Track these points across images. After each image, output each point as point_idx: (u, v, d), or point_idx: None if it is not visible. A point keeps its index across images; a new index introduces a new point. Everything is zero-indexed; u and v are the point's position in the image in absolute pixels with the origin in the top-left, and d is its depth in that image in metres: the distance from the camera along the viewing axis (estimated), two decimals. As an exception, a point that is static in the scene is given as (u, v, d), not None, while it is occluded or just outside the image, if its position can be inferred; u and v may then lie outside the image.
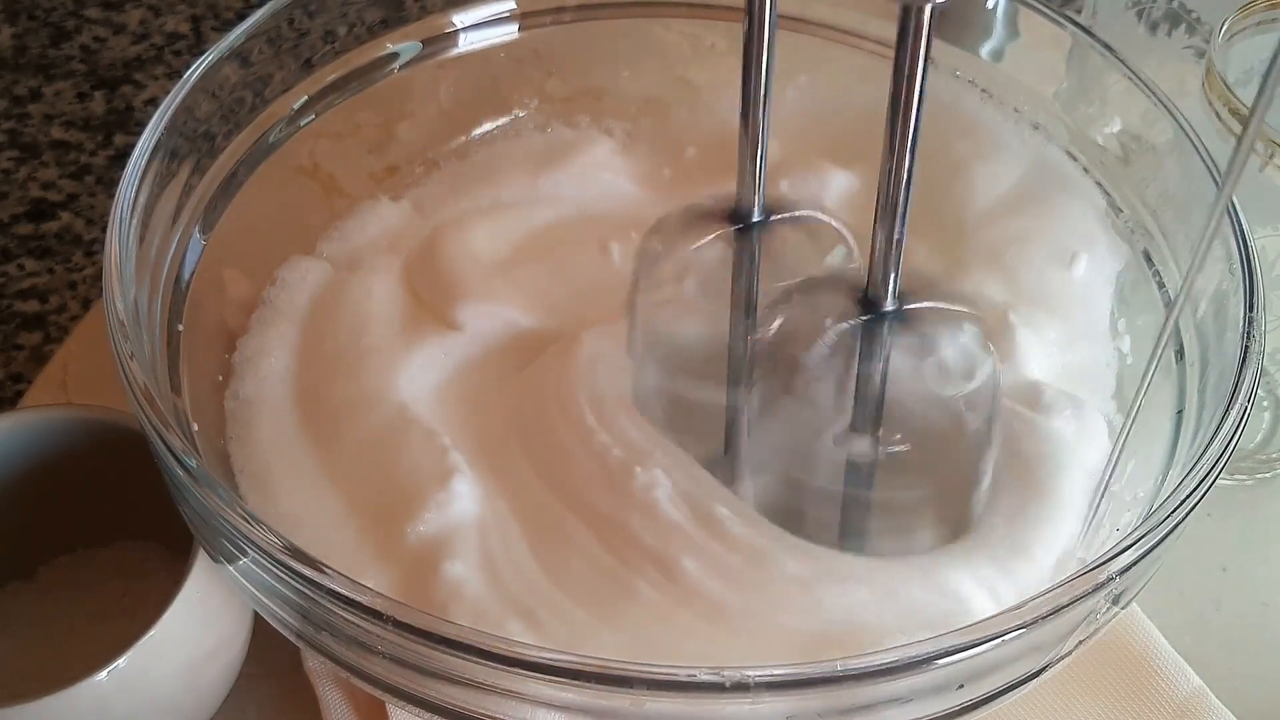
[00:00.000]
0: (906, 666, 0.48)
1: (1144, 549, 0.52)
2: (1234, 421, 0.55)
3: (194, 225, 0.68)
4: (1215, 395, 0.59)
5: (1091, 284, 0.71)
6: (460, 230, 0.73)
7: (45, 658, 0.64)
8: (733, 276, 0.64)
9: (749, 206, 0.63)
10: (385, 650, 0.52)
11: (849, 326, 0.58)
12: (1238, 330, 0.59)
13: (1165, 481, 0.59)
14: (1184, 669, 0.66)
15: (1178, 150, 0.67)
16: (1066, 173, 0.73)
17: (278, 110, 0.72)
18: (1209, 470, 0.54)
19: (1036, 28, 0.74)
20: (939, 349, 0.59)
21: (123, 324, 0.57)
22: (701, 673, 0.47)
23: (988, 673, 0.51)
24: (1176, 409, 0.62)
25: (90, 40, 1.03)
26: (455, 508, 0.62)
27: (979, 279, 0.71)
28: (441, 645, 0.49)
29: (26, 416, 0.65)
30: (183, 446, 0.54)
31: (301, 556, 0.51)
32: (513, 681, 0.49)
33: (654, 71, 0.81)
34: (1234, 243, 0.61)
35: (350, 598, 0.50)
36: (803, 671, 0.47)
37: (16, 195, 0.92)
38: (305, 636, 0.56)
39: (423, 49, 0.77)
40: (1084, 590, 0.50)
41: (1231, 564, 0.72)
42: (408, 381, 0.67)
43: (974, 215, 0.73)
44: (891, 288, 0.57)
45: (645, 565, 0.60)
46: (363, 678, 0.55)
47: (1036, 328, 0.69)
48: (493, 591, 0.60)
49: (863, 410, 0.59)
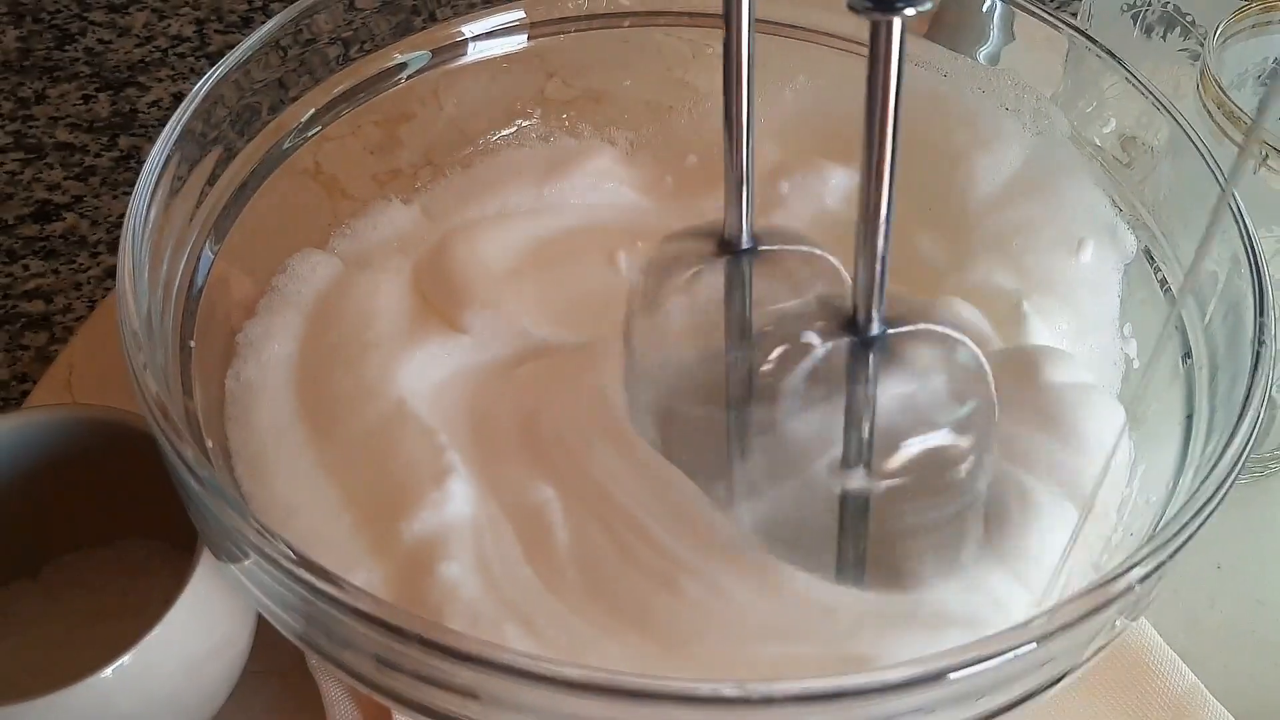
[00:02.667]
0: (929, 679, 0.46)
1: (1165, 556, 0.50)
2: (1249, 427, 0.54)
3: (206, 235, 0.66)
4: (1227, 400, 0.57)
5: (1100, 271, 0.69)
6: (469, 237, 0.71)
7: (50, 656, 0.63)
8: (725, 306, 0.63)
9: (737, 234, 0.61)
10: (393, 661, 0.50)
11: (835, 352, 0.56)
12: (1247, 334, 0.57)
13: (1178, 487, 0.58)
14: (1179, 666, 0.64)
15: (1177, 150, 0.66)
16: (1069, 158, 0.71)
17: (288, 120, 0.71)
18: (1226, 475, 0.52)
19: (1032, 31, 0.72)
20: (928, 374, 0.56)
21: (136, 335, 0.56)
22: (725, 688, 0.44)
23: (1008, 683, 0.49)
24: (1186, 413, 0.60)
25: (95, 43, 1.02)
26: (451, 508, 0.61)
27: (987, 267, 0.69)
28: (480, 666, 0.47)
29: (32, 416, 0.64)
30: (196, 457, 0.52)
31: (315, 569, 0.50)
32: (527, 695, 0.48)
33: (655, 76, 0.80)
34: (1241, 246, 0.59)
35: (371, 614, 0.48)
36: (829, 685, 0.45)
37: (22, 196, 0.91)
38: (308, 640, 0.55)
39: (431, 59, 0.76)
40: (1105, 600, 0.49)
41: (1226, 562, 0.71)
42: (408, 378, 0.66)
43: (977, 203, 0.72)
44: (877, 313, 0.54)
45: (642, 579, 0.58)
46: (367, 684, 0.54)
47: (1048, 317, 0.67)
48: (489, 595, 0.58)
49: (853, 438, 0.57)
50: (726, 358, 0.63)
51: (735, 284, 0.62)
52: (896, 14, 0.46)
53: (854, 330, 0.55)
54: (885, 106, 0.48)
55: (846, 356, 0.55)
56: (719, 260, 0.62)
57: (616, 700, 0.46)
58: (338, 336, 0.67)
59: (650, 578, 0.58)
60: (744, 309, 0.62)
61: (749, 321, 0.63)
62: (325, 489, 0.62)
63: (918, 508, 0.58)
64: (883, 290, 0.53)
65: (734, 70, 0.57)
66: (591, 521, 0.61)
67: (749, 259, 0.62)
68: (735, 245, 0.61)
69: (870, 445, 0.57)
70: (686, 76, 0.80)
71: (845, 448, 0.57)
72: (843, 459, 0.57)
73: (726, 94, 0.57)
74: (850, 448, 0.57)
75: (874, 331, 0.54)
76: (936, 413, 0.56)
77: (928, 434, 0.57)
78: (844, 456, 0.57)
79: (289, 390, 0.66)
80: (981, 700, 0.49)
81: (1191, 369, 0.61)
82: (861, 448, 0.57)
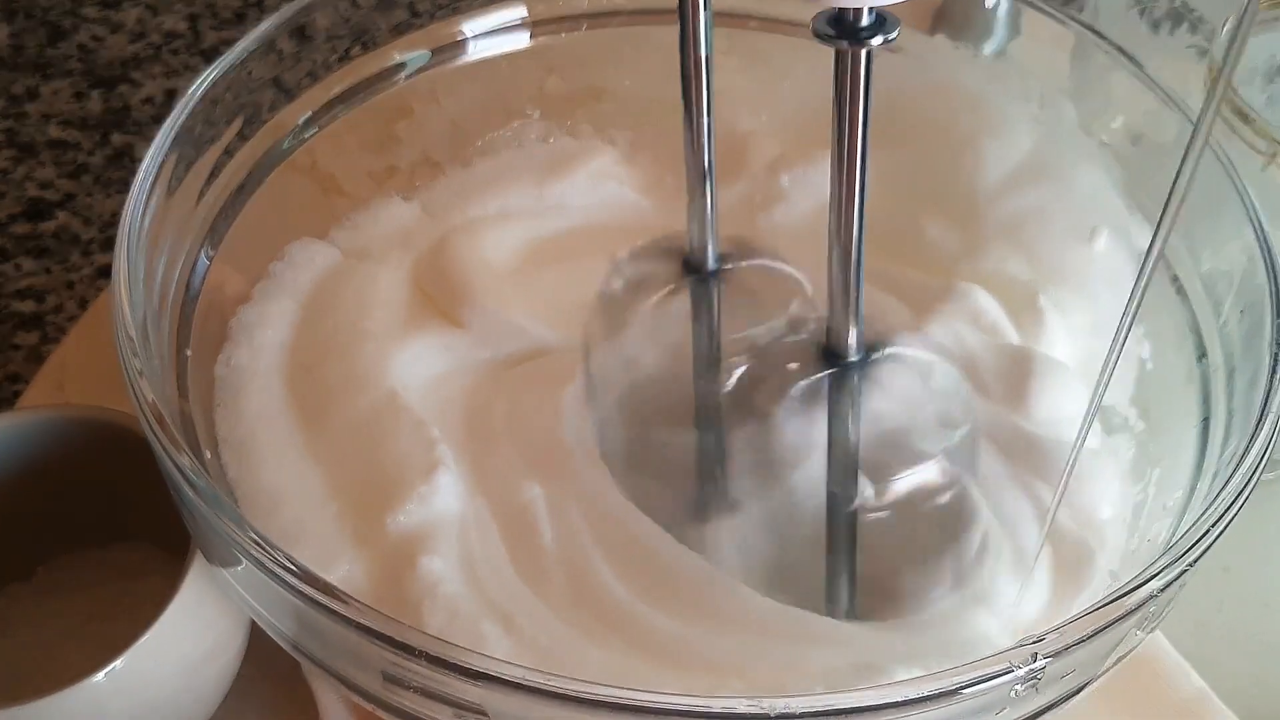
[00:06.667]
0: (946, 695, 0.45)
1: (1185, 565, 0.49)
2: (1269, 431, 0.53)
3: (203, 237, 0.66)
4: (1245, 403, 0.56)
5: (1114, 260, 0.68)
6: (471, 236, 0.71)
7: (43, 659, 0.63)
8: (692, 328, 0.63)
9: (703, 252, 0.61)
10: (388, 673, 0.49)
11: (814, 381, 0.56)
12: (1266, 335, 0.56)
13: (1195, 492, 0.57)
14: (1186, 670, 0.63)
15: (1184, 145, 0.63)
16: (1079, 145, 0.71)
17: (286, 120, 0.71)
18: (1246, 481, 0.52)
19: (1039, 27, 0.72)
20: (910, 398, 0.57)
21: (132, 340, 0.55)
22: (741, 703, 0.43)
23: (1028, 698, 0.48)
24: (1202, 416, 0.59)
25: (87, 39, 1.02)
26: (438, 502, 0.60)
27: (999, 255, 0.69)
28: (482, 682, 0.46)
29: (24, 417, 0.64)
30: (192, 465, 0.52)
31: (311, 580, 0.49)
32: (518, 707, 0.47)
33: (654, 73, 0.77)
34: (1256, 246, 0.59)
35: (368, 626, 0.48)
36: (847, 701, 0.44)
37: (13, 195, 0.91)
38: (300, 647, 0.55)
39: (431, 58, 0.75)
40: (1124, 612, 0.48)
41: (1234, 565, 0.69)
42: (401, 369, 0.65)
43: (986, 190, 0.71)
44: (854, 340, 0.54)
45: (626, 585, 0.58)
46: (360, 693, 0.53)
47: (1065, 314, 0.67)
48: (470, 591, 0.58)
49: (836, 467, 0.57)
50: (696, 385, 0.63)
51: (702, 309, 0.62)
52: (862, 45, 0.44)
53: (833, 357, 0.55)
54: (854, 139, 0.47)
55: (828, 383, 0.56)
56: (684, 283, 0.62)
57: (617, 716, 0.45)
58: (333, 324, 0.67)
59: (634, 584, 0.58)
60: (715, 335, 0.62)
61: (718, 348, 0.62)
62: (312, 477, 0.62)
63: (902, 533, 0.58)
64: (859, 316, 0.53)
65: (692, 79, 0.57)
66: (579, 524, 0.60)
67: (717, 281, 0.62)
68: (701, 264, 0.61)
69: (854, 473, 0.57)
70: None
71: (829, 475, 0.57)
72: (827, 486, 0.57)
73: (686, 99, 0.57)
74: (833, 475, 0.56)
75: (853, 358, 0.54)
76: (920, 438, 0.57)
77: (912, 460, 0.57)
78: (828, 482, 0.57)
79: (280, 377, 0.66)
80: (1002, 713, 0.48)
81: (1207, 370, 0.61)
82: (845, 475, 0.56)
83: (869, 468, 0.57)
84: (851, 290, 0.51)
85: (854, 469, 0.57)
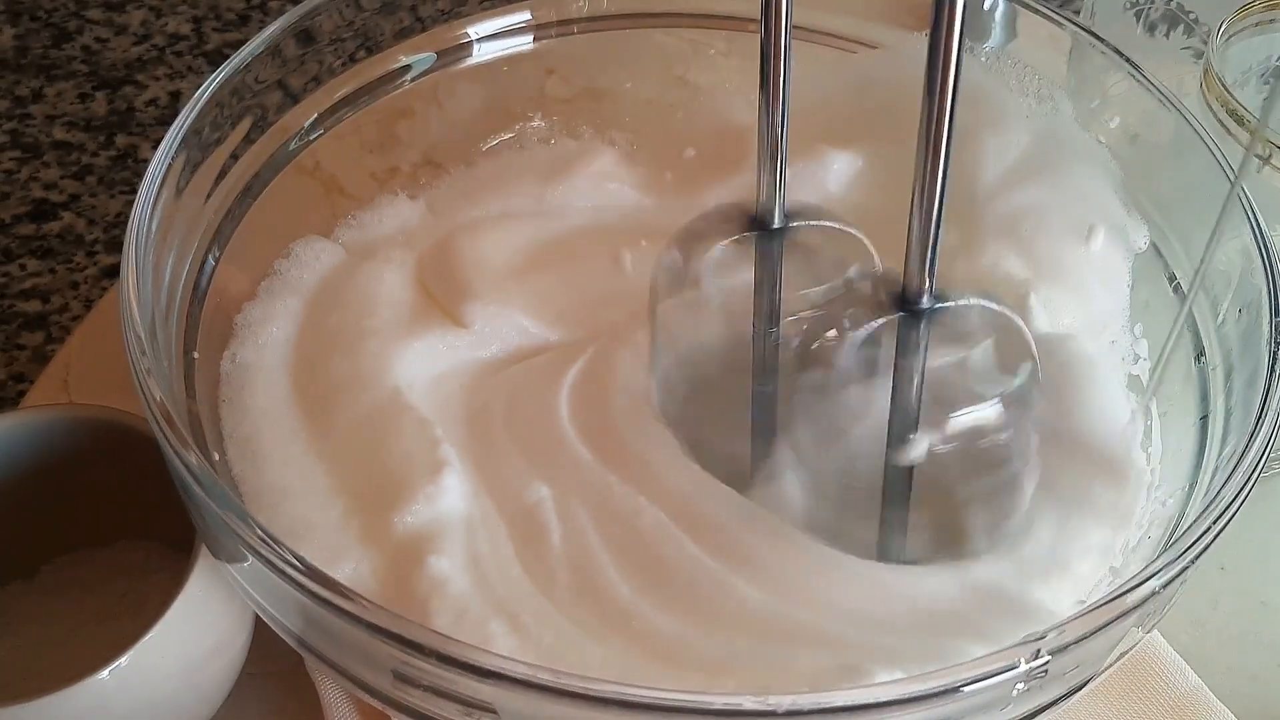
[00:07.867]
0: (946, 691, 0.45)
1: (1186, 563, 0.49)
2: (1269, 429, 0.53)
3: (210, 239, 0.66)
4: (1243, 401, 0.56)
5: (1110, 262, 0.67)
6: (474, 235, 0.71)
7: (47, 657, 0.62)
8: (755, 283, 0.62)
9: (769, 212, 0.61)
10: (396, 669, 0.49)
11: (884, 325, 0.55)
12: (1264, 334, 0.56)
13: (1194, 490, 0.57)
14: (1182, 667, 0.63)
15: (1182, 146, 0.65)
16: (1077, 142, 0.70)
17: (291, 123, 0.70)
18: (1246, 479, 0.52)
19: (1036, 29, 0.71)
20: (978, 347, 0.56)
21: (140, 340, 0.55)
22: (747, 700, 0.43)
23: (1030, 694, 0.48)
24: (1200, 414, 0.59)
25: (92, 41, 1.02)
26: (444, 502, 0.60)
27: (996, 251, 0.68)
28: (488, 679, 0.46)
29: (28, 416, 0.64)
30: (200, 465, 0.52)
31: (320, 577, 0.49)
32: (528, 705, 0.47)
33: (654, 73, 0.79)
34: (1254, 245, 0.58)
35: (375, 624, 0.48)
36: (849, 698, 0.44)
37: (18, 195, 0.91)
38: (306, 643, 0.54)
39: (436, 60, 0.75)
40: (1125, 609, 0.48)
41: (1229, 563, 0.69)
42: (405, 367, 0.65)
43: (984, 186, 0.70)
44: (928, 284, 0.53)
45: (633, 585, 0.58)
46: (365, 689, 0.53)
47: (1055, 314, 0.66)
48: (477, 591, 0.57)
49: (901, 413, 0.56)
50: (765, 336, 0.63)
51: (769, 261, 0.62)
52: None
53: (903, 304, 0.54)
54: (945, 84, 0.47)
55: (898, 329, 0.55)
56: (750, 237, 0.61)
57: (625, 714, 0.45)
58: (338, 322, 0.67)
59: (642, 583, 0.58)
60: (777, 287, 0.62)
61: (779, 300, 0.62)
62: (317, 475, 0.62)
63: (969, 479, 0.58)
64: (934, 264, 0.53)
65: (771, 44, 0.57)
66: (586, 523, 0.60)
67: (782, 237, 0.61)
68: (767, 222, 0.61)
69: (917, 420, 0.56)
70: (687, 76, 0.79)
71: (892, 422, 0.56)
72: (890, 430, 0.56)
73: (763, 67, 0.57)
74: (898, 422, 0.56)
75: (924, 304, 0.54)
76: (985, 384, 0.56)
77: (977, 405, 0.56)
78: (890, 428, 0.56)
79: (285, 374, 0.66)
80: (1006, 709, 0.48)
81: (1205, 369, 0.61)
82: (909, 421, 0.56)
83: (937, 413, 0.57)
84: (930, 239, 0.51)
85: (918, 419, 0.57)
